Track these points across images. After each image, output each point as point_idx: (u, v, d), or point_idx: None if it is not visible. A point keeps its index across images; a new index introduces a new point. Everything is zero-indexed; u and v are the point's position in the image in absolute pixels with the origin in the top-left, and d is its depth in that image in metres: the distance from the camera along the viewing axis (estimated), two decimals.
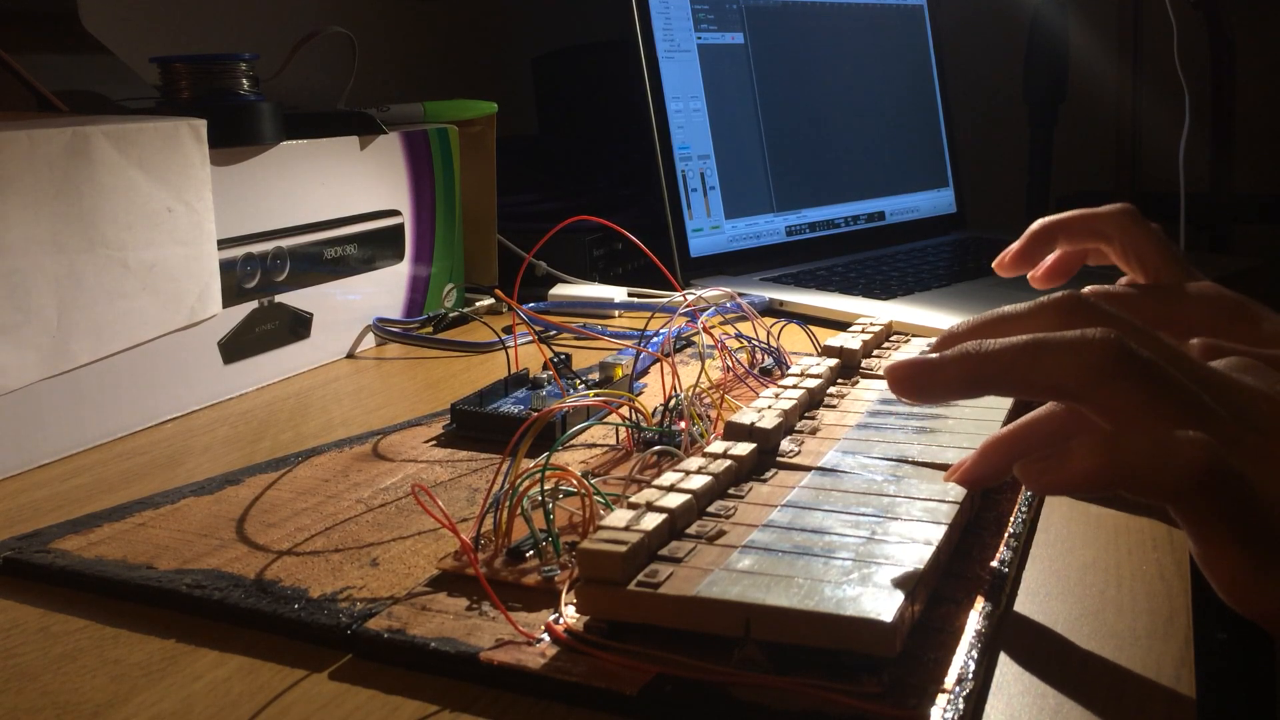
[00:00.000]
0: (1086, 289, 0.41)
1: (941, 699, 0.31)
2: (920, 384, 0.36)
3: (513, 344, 0.62)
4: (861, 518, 0.39)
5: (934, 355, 0.36)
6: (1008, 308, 0.39)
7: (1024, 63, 1.36)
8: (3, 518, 0.49)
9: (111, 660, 0.37)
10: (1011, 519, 0.43)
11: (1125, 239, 0.54)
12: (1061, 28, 1.34)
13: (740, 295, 0.73)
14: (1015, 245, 0.57)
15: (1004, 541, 0.41)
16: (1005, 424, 0.50)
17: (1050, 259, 0.57)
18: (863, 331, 0.65)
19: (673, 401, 0.53)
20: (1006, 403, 0.53)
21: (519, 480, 0.41)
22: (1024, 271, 0.58)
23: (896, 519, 0.39)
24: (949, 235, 1.19)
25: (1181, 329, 0.45)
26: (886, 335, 0.68)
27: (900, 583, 0.34)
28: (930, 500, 0.41)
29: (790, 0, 1.09)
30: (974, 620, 0.35)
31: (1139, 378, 0.33)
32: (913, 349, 0.65)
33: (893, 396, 0.55)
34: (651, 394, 0.64)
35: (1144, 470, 0.31)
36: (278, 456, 0.55)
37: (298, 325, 0.72)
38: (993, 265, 0.58)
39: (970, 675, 0.32)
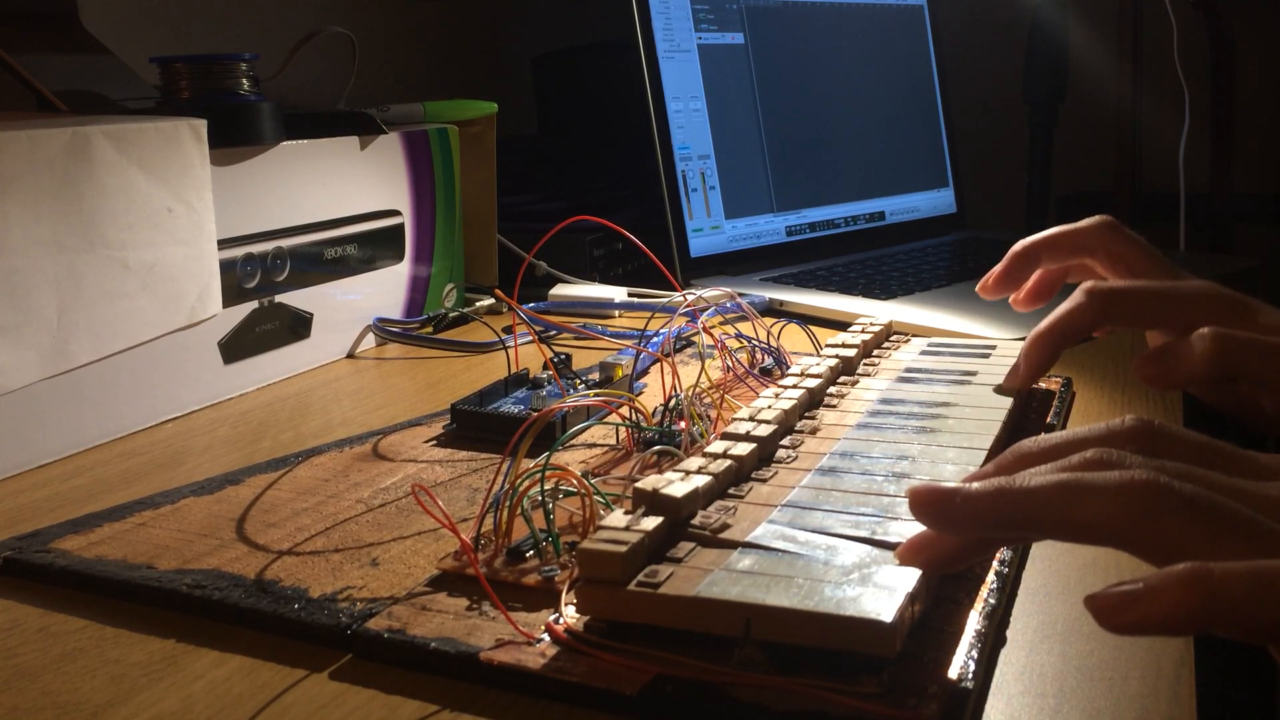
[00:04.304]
0: (1131, 421, 0.35)
1: (941, 699, 0.31)
2: (944, 515, 0.32)
3: (513, 344, 0.62)
4: (861, 518, 0.39)
5: (963, 485, 0.32)
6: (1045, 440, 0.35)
7: (1024, 63, 1.36)
8: (3, 518, 0.49)
9: (111, 660, 0.37)
10: None
11: (1110, 249, 0.53)
12: (1061, 28, 1.34)
13: (740, 295, 0.73)
14: (997, 268, 0.56)
15: None
16: (1004, 424, 0.50)
17: (1030, 281, 0.56)
18: (863, 331, 0.65)
19: (673, 401, 0.53)
20: (1007, 402, 0.53)
21: (519, 480, 0.41)
22: (1008, 293, 0.56)
23: (896, 519, 0.39)
24: (949, 235, 1.19)
25: (1183, 326, 0.45)
26: (886, 335, 0.68)
27: (900, 583, 0.34)
28: None
29: (790, 0, 1.09)
30: (974, 620, 0.35)
31: (1185, 511, 0.29)
32: (913, 349, 0.65)
33: (893, 396, 0.55)
34: (651, 394, 0.64)
35: (1246, 606, 0.27)
36: (278, 456, 0.55)
37: (298, 325, 0.72)
38: (976, 289, 0.57)
39: (970, 675, 0.32)
